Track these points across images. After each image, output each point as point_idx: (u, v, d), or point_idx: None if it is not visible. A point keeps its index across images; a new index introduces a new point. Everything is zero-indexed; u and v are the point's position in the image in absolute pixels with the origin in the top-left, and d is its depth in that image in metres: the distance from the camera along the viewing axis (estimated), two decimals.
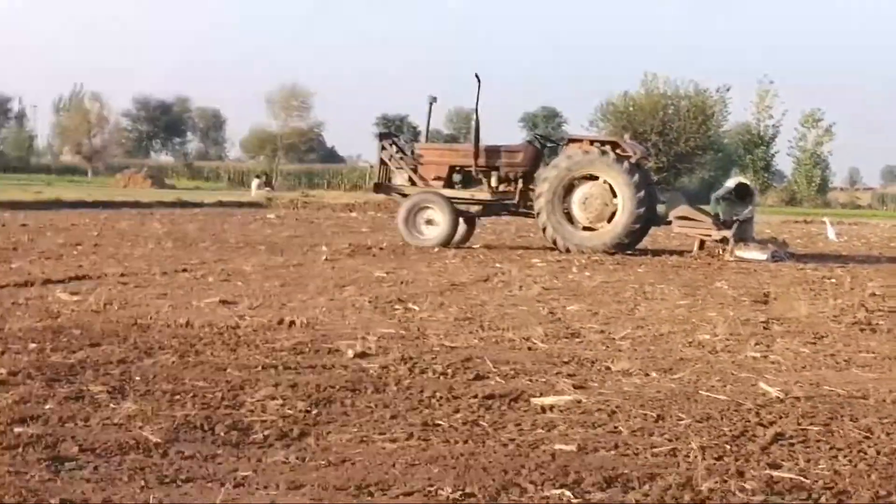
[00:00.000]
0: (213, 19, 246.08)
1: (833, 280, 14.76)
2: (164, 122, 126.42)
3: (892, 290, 13.43)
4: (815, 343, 8.73)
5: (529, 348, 8.02)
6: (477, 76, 19.86)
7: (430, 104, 20.42)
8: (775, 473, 4.67)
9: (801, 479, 4.61)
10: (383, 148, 20.56)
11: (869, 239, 30.51)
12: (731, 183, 19.95)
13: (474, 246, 20.08)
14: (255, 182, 64.72)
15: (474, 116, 20.26)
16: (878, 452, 5.13)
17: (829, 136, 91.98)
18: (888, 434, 5.50)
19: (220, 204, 38.87)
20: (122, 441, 4.89)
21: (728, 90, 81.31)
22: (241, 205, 39.35)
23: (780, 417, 5.79)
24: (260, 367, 6.77)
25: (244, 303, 9.96)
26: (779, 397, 6.33)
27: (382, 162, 20.58)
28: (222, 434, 5.13)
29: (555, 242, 18.98)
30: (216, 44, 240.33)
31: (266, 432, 5.17)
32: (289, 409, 5.66)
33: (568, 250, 18.67)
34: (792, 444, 5.24)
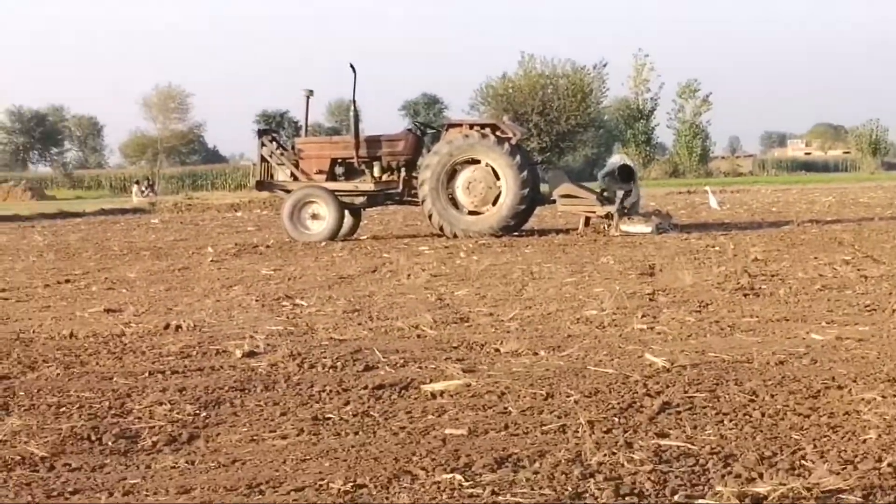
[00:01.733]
0: (81, 26, 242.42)
1: (716, 248, 14.97)
2: (39, 132, 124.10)
3: (773, 255, 13.65)
4: (699, 311, 8.85)
5: (419, 336, 8.02)
6: (352, 66, 19.81)
7: (307, 98, 20.31)
8: (663, 442, 4.72)
9: (689, 445, 4.67)
10: (263, 145, 20.42)
11: (751, 205, 30.97)
12: (615, 159, 20.10)
13: (361, 237, 20.08)
14: (135, 188, 64.02)
15: (352, 108, 20.19)
16: (763, 414, 5.22)
17: (706, 106, 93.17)
18: (772, 396, 5.59)
19: (103, 212, 38.33)
20: (7, 458, 4.81)
21: (605, 66, 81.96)
22: (124, 212, 38.85)
23: (667, 387, 5.85)
24: (147, 374, 6.69)
25: (129, 310, 9.85)
26: (665, 367, 6.40)
27: (263, 159, 20.44)
28: (110, 443, 5.06)
29: (441, 229, 19.03)
30: (88, 50, 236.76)
31: (154, 438, 5.12)
32: (177, 413, 5.60)
33: (455, 235, 18.74)
34: (679, 413, 5.30)
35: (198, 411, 5.63)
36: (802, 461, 4.41)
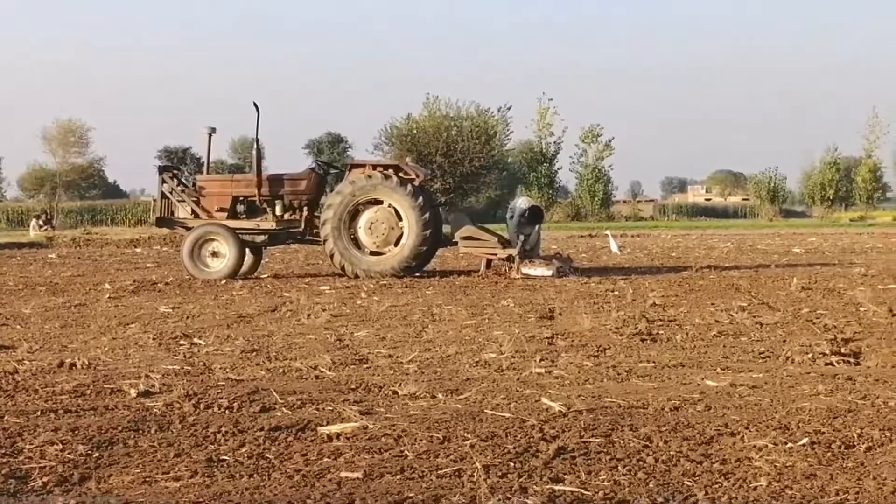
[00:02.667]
0: None
1: (616, 292, 15.09)
2: None
3: (671, 300, 13.80)
4: (597, 356, 8.91)
5: (317, 377, 7.98)
6: (255, 105, 19.76)
7: (210, 135, 20.21)
8: (557, 487, 4.74)
9: (583, 490, 4.70)
10: (164, 181, 20.29)
11: (651, 250, 31.30)
12: (522, 204, 20.16)
13: (262, 276, 19.99)
14: (33, 221, 63.11)
15: (255, 145, 20.13)
16: (657, 460, 5.26)
17: (609, 151, 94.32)
18: (666, 441, 5.64)
19: None
20: None
21: (509, 109, 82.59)
22: (20, 245, 38.25)
23: (563, 431, 5.88)
24: (39, 412, 6.59)
25: (23, 346, 9.70)
26: (562, 411, 6.44)
27: (164, 195, 20.30)
28: None
29: (343, 268, 19.00)
30: None
31: (45, 479, 5.03)
32: (69, 453, 5.52)
33: (357, 276, 18.72)
34: (574, 458, 5.32)
35: (90, 451, 5.55)
36: None
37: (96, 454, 5.52)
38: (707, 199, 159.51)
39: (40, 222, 61.50)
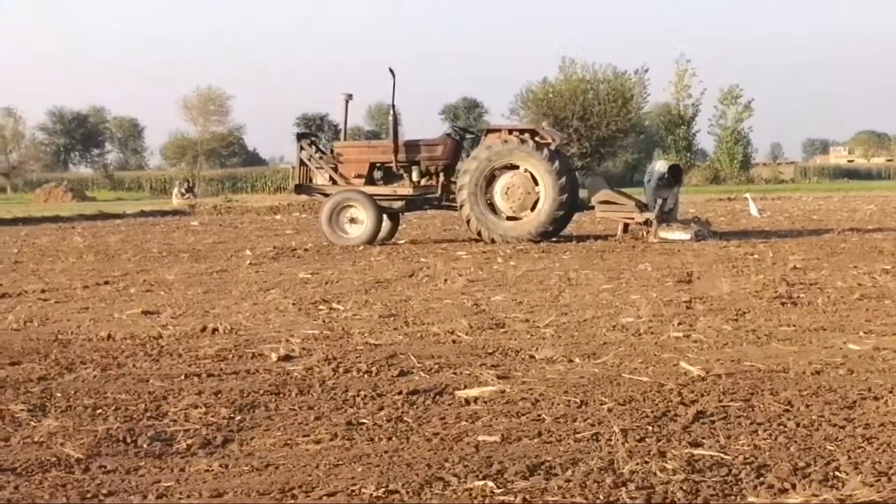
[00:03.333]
0: (122, 27, 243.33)
1: (755, 256, 14.91)
2: (80, 134, 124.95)
3: (812, 263, 13.59)
4: (736, 320, 8.82)
5: (454, 341, 8.02)
6: (391, 70, 19.83)
7: (347, 102, 20.37)
8: (696, 452, 4.71)
9: (722, 455, 4.66)
10: (302, 148, 20.50)
11: (791, 213, 30.83)
12: (660, 167, 19.95)
13: (399, 242, 20.12)
14: (175, 189, 64.24)
15: (392, 112, 20.22)
16: (798, 425, 5.19)
17: (748, 113, 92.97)
18: (807, 406, 5.57)
19: (143, 214, 38.51)
20: (42, 459, 4.84)
21: (646, 71, 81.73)
22: (163, 213, 39.02)
23: (702, 396, 5.84)
24: (183, 377, 6.73)
25: (167, 312, 9.90)
26: (700, 376, 6.39)
27: (302, 162, 20.51)
28: (145, 446, 5.09)
29: (479, 234, 19.04)
30: (128, 51, 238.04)
31: (189, 441, 5.14)
32: (212, 416, 5.63)
33: (493, 241, 18.76)
34: (713, 422, 5.28)
35: (232, 415, 5.66)
36: (836, 472, 4.38)
37: (238, 417, 5.62)
38: (850, 161, 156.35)
39: (182, 190, 62.64)
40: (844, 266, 13.09)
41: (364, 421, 5.48)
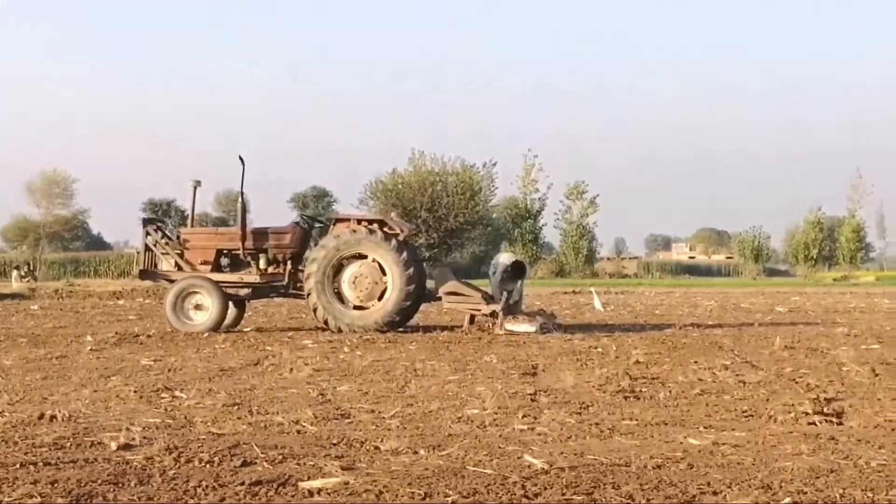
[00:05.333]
0: None
1: (599, 349, 15.07)
2: None
3: (655, 358, 13.79)
4: (580, 413, 8.89)
5: (298, 431, 7.95)
6: (241, 158, 19.78)
7: (195, 188, 20.26)
8: None
9: None
10: (148, 234, 20.29)
11: (634, 307, 31.32)
12: (505, 259, 20.14)
13: (245, 329, 19.94)
14: (15, 272, 63.00)
15: (240, 199, 20.14)
16: None
17: (593, 208, 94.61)
18: (648, 500, 5.63)
19: None
20: None
21: (494, 165, 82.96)
22: (2, 297, 38.16)
23: (545, 489, 5.86)
24: (18, 465, 6.54)
25: (3, 398, 9.65)
26: (544, 469, 6.41)
27: (147, 248, 20.29)
28: None
29: (326, 323, 18.97)
30: None
31: None
32: None
33: (340, 330, 18.69)
34: None
35: None
36: None
37: None
38: (691, 257, 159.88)
39: (22, 273, 61.41)
40: (686, 361, 13.30)
41: None
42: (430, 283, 20.72)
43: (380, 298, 18.99)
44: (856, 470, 6.46)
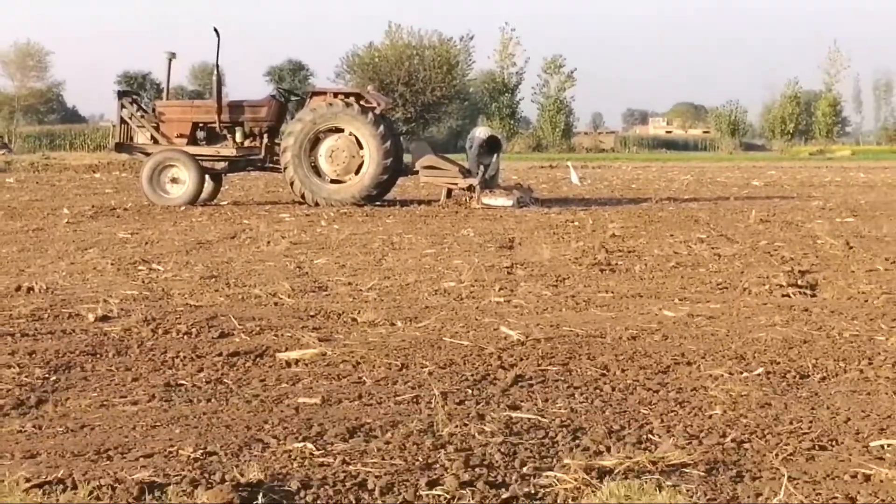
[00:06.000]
0: None
1: (575, 223, 15.12)
2: None
3: (631, 231, 13.85)
4: (556, 285, 8.94)
5: (276, 304, 7.99)
6: (216, 30, 19.57)
7: (170, 61, 20.06)
8: (514, 414, 4.77)
9: (539, 418, 4.73)
10: (123, 107, 20.09)
11: (611, 182, 31.34)
12: (481, 133, 20.09)
13: (222, 203, 19.91)
14: None
15: (216, 72, 19.97)
16: (613, 388, 5.30)
17: (571, 82, 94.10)
18: (623, 371, 5.68)
19: None
20: None
21: (472, 39, 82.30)
22: None
23: (521, 360, 5.92)
24: None
25: None
26: (520, 340, 6.46)
27: (123, 121, 20.11)
28: None
29: (303, 196, 18.94)
30: None
31: (1, 402, 5.02)
32: (26, 376, 5.51)
33: (317, 204, 18.66)
34: (531, 386, 5.36)
35: (47, 375, 5.55)
36: (649, 435, 4.49)
37: (53, 378, 5.51)
38: (668, 132, 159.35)
39: None
40: (661, 234, 13.37)
41: (183, 382, 5.43)
42: (407, 158, 20.67)
43: (357, 172, 18.94)
44: (828, 340, 6.53)
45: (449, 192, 19.39)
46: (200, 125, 19.94)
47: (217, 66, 19.96)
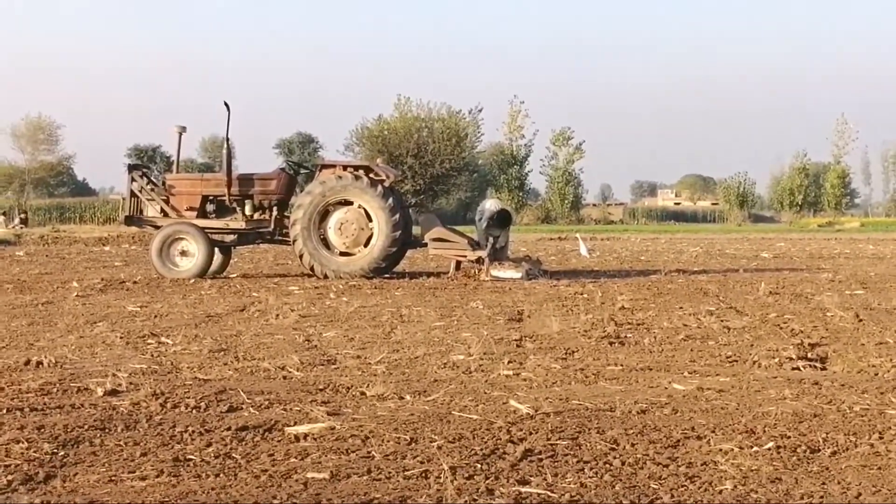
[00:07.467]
0: None
1: (584, 295, 15.11)
2: None
3: (640, 303, 13.83)
4: (565, 359, 8.93)
5: (285, 377, 7.97)
6: (226, 104, 19.70)
7: (180, 134, 20.19)
8: (524, 489, 4.75)
9: (549, 493, 4.70)
10: (133, 180, 20.22)
11: (620, 253, 31.37)
12: (491, 206, 20.13)
13: (231, 276, 19.94)
14: (1, 218, 62.79)
15: (226, 145, 20.10)
16: (623, 463, 5.28)
17: (579, 154, 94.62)
18: (633, 444, 5.66)
19: None
20: None
21: (480, 111, 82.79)
22: None
23: (530, 434, 5.89)
24: (5, 410, 6.55)
25: None
26: (529, 414, 6.44)
27: (133, 194, 20.23)
28: None
29: (312, 269, 18.98)
30: None
31: (10, 477, 5.00)
32: (34, 451, 5.49)
33: (326, 276, 18.70)
34: (541, 460, 5.34)
35: (56, 450, 5.53)
36: None
37: (62, 453, 5.49)
38: (676, 204, 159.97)
39: (12, 219, 61.19)
40: (670, 307, 13.35)
41: (191, 457, 5.40)
42: (416, 230, 20.73)
43: (366, 245, 19.00)
44: (839, 415, 6.50)
45: (458, 264, 19.41)
46: (210, 198, 20.04)
47: (227, 139, 20.09)
